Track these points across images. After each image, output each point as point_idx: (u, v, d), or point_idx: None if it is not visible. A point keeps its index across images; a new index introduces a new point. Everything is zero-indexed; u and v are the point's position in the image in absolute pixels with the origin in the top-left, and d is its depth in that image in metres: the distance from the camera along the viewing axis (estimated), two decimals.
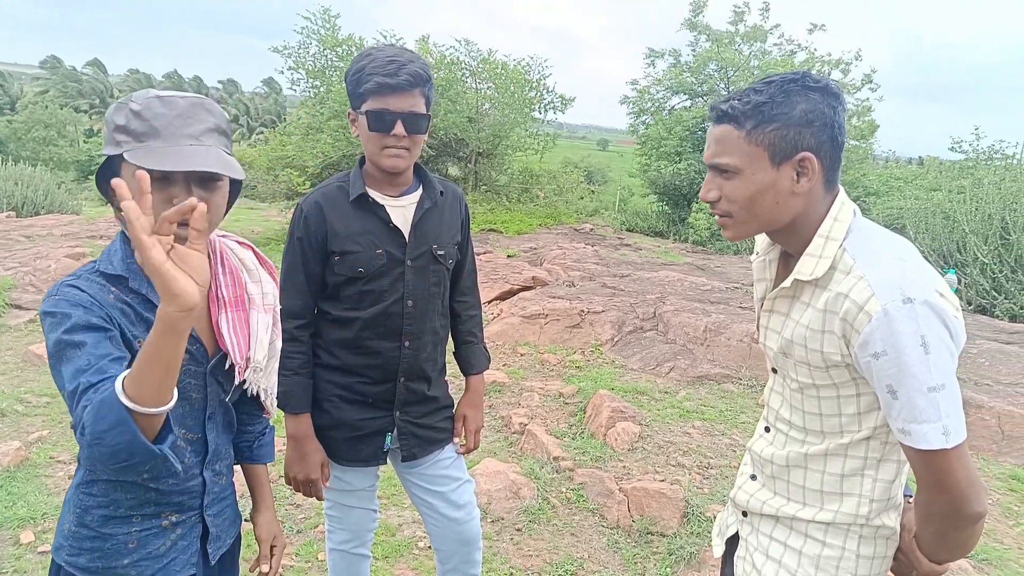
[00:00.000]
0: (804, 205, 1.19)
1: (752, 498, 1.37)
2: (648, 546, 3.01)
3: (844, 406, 1.20)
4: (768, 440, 1.35)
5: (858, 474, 1.22)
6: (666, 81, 16.03)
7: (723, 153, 1.19)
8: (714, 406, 4.46)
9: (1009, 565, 2.95)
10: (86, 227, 9.58)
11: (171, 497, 1.28)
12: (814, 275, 1.17)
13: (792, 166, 1.16)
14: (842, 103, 1.17)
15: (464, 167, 15.15)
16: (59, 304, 1.07)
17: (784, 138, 1.14)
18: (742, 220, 1.22)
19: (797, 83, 1.15)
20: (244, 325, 1.31)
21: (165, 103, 1.12)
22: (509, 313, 6.16)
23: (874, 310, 1.07)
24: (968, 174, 10.93)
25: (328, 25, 13.99)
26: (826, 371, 1.19)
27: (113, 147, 1.12)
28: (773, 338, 1.29)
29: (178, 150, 1.10)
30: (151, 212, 0.92)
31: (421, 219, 1.81)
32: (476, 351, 2.08)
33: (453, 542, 2.00)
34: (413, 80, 1.67)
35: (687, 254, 11.35)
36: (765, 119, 1.14)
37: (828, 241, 1.18)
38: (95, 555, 1.23)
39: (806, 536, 1.29)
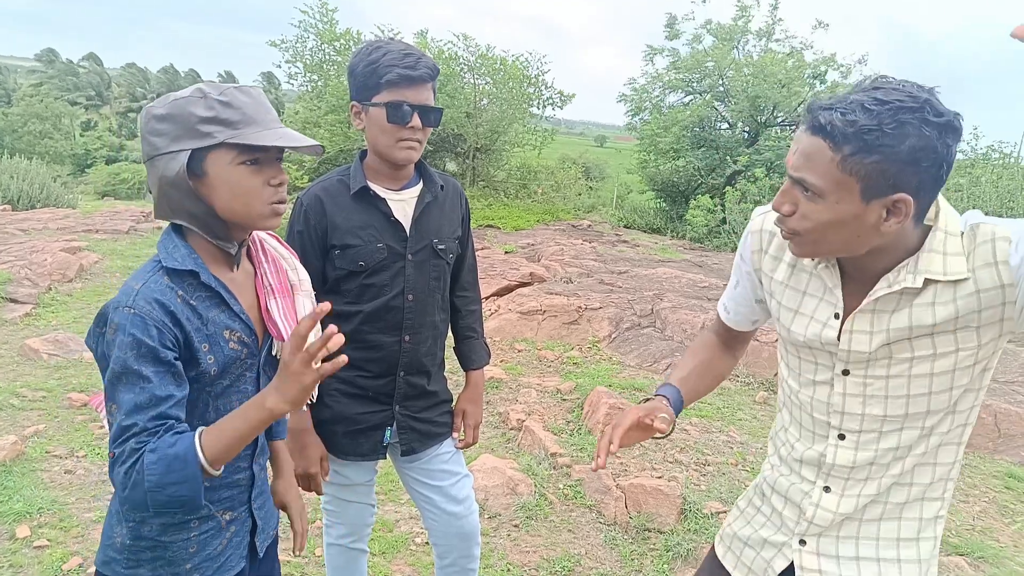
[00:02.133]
0: (889, 240, 1.09)
1: (836, 514, 1.26)
2: (645, 543, 3.01)
3: (958, 378, 1.13)
4: (851, 446, 1.23)
5: (955, 443, 1.20)
6: (664, 78, 16.00)
7: (809, 170, 1.06)
8: (711, 403, 4.46)
9: (1005, 563, 2.96)
10: (82, 221, 9.54)
11: (222, 493, 1.29)
12: (949, 275, 1.07)
13: (884, 204, 1.03)
14: (959, 138, 1.03)
15: (462, 163, 15.14)
16: (135, 322, 1.09)
17: (883, 173, 1.00)
18: (812, 242, 1.12)
19: (916, 114, 0.98)
20: (292, 311, 1.34)
21: (245, 92, 1.18)
22: (507, 309, 6.15)
23: (1006, 233, 1.04)
24: (966, 172, 10.94)
25: (326, 19, 13.95)
26: (954, 335, 1.10)
27: (199, 139, 1.14)
28: (862, 340, 1.16)
29: (275, 132, 1.17)
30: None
31: (422, 213, 1.81)
32: (476, 346, 2.08)
33: (452, 537, 1.99)
34: (431, 73, 1.69)
35: (685, 251, 11.35)
36: (867, 148, 0.99)
37: (948, 236, 1.08)
38: (157, 564, 1.23)
39: (898, 540, 1.24)
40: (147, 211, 10.99)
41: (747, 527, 1.42)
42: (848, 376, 1.20)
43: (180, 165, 1.14)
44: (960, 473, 3.76)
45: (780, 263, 1.30)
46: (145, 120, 1.18)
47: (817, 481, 1.28)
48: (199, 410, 1.21)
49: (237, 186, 1.16)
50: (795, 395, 1.31)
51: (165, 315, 1.12)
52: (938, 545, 1.27)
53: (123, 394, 1.08)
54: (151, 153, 1.17)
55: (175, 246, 1.19)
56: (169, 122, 1.15)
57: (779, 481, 1.35)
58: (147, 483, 1.04)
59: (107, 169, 24.93)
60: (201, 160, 1.15)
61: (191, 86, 1.19)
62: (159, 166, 1.16)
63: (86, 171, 29.07)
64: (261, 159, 1.18)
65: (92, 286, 6.51)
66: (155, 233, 9.52)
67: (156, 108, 1.17)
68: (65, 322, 5.42)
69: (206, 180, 1.16)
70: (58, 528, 2.84)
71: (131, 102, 57.16)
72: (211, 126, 1.14)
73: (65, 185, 15.06)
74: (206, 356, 1.17)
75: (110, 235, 8.85)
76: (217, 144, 1.14)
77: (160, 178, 1.16)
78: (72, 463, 3.37)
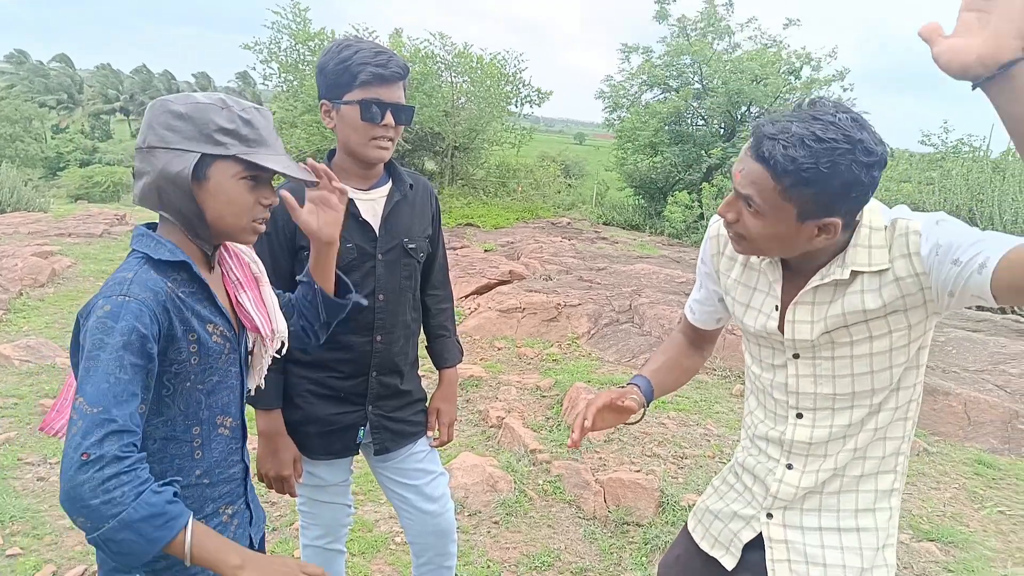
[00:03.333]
0: (819, 249, 1.23)
1: (799, 488, 1.36)
2: (624, 536, 3.04)
3: (896, 357, 1.24)
4: (808, 424, 1.34)
5: (902, 419, 1.30)
6: (640, 75, 16.08)
7: (753, 192, 1.17)
8: (688, 396, 4.50)
9: (975, 547, 3.02)
10: (54, 225, 9.39)
11: (221, 489, 1.30)
12: (873, 266, 1.20)
13: (817, 224, 1.16)
14: (884, 166, 1.14)
15: (440, 161, 15.11)
16: (130, 309, 1.09)
17: (817, 203, 1.13)
18: (755, 247, 1.25)
19: (849, 155, 1.09)
20: (260, 301, 1.36)
21: (263, 114, 1.24)
22: (486, 307, 6.16)
23: (917, 227, 1.16)
24: (937, 166, 11.12)
25: (299, 19, 13.84)
26: (885, 319, 1.22)
27: (213, 146, 1.18)
28: (804, 329, 1.28)
29: (281, 158, 1.24)
30: None
31: (391, 213, 1.81)
32: (449, 344, 2.08)
33: (428, 535, 2.00)
34: (402, 72, 1.70)
35: (663, 247, 11.43)
36: (804, 183, 1.11)
37: (873, 231, 1.21)
38: (174, 570, 1.22)
39: (856, 511, 1.33)
40: (121, 214, 10.84)
41: (719, 502, 1.52)
42: (799, 360, 1.32)
43: (186, 165, 1.16)
44: (931, 460, 3.83)
45: (735, 263, 1.43)
46: (158, 111, 1.19)
47: (780, 459, 1.38)
48: (191, 408, 1.23)
49: (233, 198, 1.21)
50: (758, 379, 1.42)
51: (157, 305, 1.13)
52: (895, 516, 1.36)
53: (97, 378, 1.04)
54: (154, 144, 1.18)
55: (158, 242, 1.21)
56: (187, 122, 1.17)
57: (747, 460, 1.46)
58: (126, 512, 1.00)
59: (80, 172, 24.56)
60: (207, 166, 1.18)
61: (212, 92, 1.23)
62: (160, 159, 1.17)
63: (58, 174, 28.60)
64: (260, 178, 1.23)
65: (64, 291, 6.42)
66: (129, 236, 9.41)
67: (175, 104, 1.19)
68: (37, 327, 5.34)
69: (205, 185, 1.19)
70: (31, 536, 2.80)
71: (104, 104, 56.29)
72: (228, 138, 1.18)
73: (37, 189, 14.82)
74: (189, 346, 1.19)
75: (83, 239, 8.72)
76: (228, 155, 1.19)
77: (159, 171, 1.17)
78: (45, 470, 3.33)
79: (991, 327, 6.05)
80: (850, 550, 1.33)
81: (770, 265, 1.35)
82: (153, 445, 1.20)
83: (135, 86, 57.29)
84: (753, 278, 1.39)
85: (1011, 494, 3.52)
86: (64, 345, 4.93)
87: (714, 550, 1.50)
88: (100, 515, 1.00)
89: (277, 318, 1.38)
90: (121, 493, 1.01)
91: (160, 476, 1.16)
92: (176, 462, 1.22)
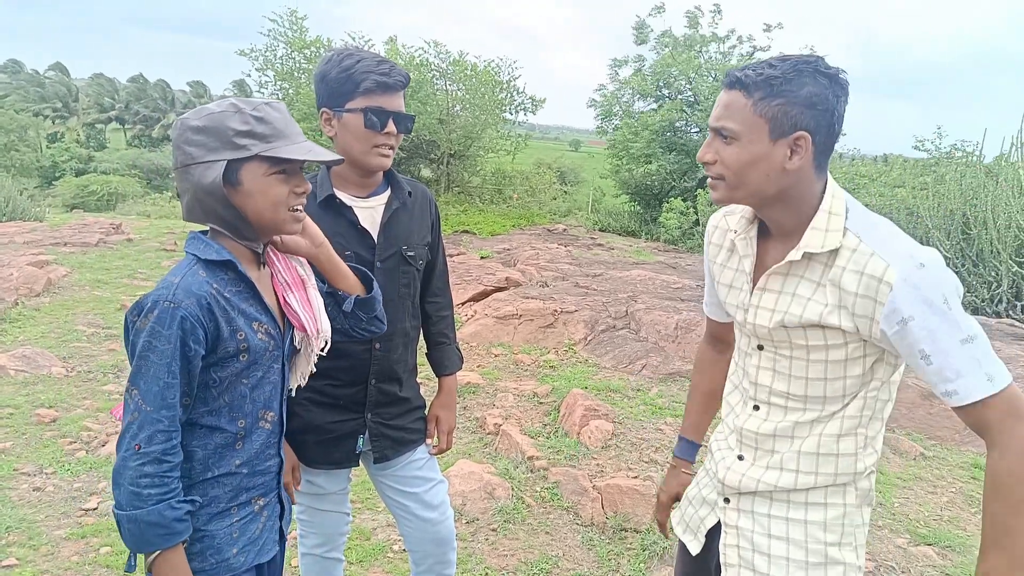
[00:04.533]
0: (793, 182, 1.24)
1: (744, 477, 1.38)
2: (622, 542, 3.04)
3: (850, 368, 1.26)
4: (761, 416, 1.37)
5: (852, 433, 1.29)
6: (630, 86, 16.17)
7: (727, 118, 1.24)
8: (685, 402, 4.50)
9: (972, 552, 3.03)
10: (49, 234, 9.37)
11: (256, 480, 1.37)
12: (826, 247, 1.22)
13: (788, 143, 1.21)
14: (846, 94, 1.22)
15: (436, 169, 15.13)
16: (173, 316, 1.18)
17: (786, 114, 1.19)
18: (732, 185, 1.27)
19: (810, 65, 1.19)
20: (307, 302, 1.43)
21: (275, 108, 1.28)
22: (483, 314, 6.16)
23: (893, 279, 1.14)
24: (931, 171, 11.16)
25: (296, 27, 13.87)
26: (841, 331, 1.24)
27: (234, 151, 1.24)
28: (764, 316, 1.32)
29: (302, 146, 1.28)
30: None
31: (390, 220, 1.81)
32: (448, 352, 2.09)
33: (427, 543, 2.00)
34: (404, 81, 1.73)
35: (659, 253, 11.45)
36: (773, 92, 1.19)
37: (831, 216, 1.23)
38: (206, 554, 1.30)
39: (806, 504, 1.33)
40: (116, 223, 10.82)
41: (695, 488, 1.57)
42: (762, 351, 1.36)
43: (216, 174, 1.23)
44: (927, 464, 3.84)
45: (721, 249, 1.48)
46: (180, 131, 1.27)
47: (734, 448, 1.43)
48: (237, 402, 1.30)
49: (268, 195, 1.27)
50: (735, 364, 1.49)
51: (200, 309, 1.21)
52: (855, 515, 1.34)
53: (151, 384, 1.18)
54: (185, 161, 1.26)
55: (207, 244, 1.28)
56: (206, 134, 1.24)
57: (714, 444, 1.52)
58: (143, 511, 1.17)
59: (75, 181, 24.45)
60: (236, 171, 1.25)
61: (223, 100, 1.29)
62: (194, 174, 1.25)
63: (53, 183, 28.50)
64: (288, 170, 1.28)
65: (60, 300, 6.40)
66: (125, 245, 9.38)
67: (191, 120, 1.26)
68: (33, 337, 5.32)
69: (240, 189, 1.26)
70: (27, 547, 2.79)
71: (99, 113, 56.21)
72: (246, 139, 1.24)
73: (32, 198, 14.76)
74: (236, 344, 1.27)
75: (79, 248, 8.70)
76: (252, 156, 1.24)
77: (195, 185, 1.25)
78: (41, 480, 3.31)
79: (986, 331, 6.04)
80: (795, 543, 1.33)
81: (743, 239, 1.39)
82: (200, 431, 1.28)
83: (131, 95, 57.22)
84: (734, 260, 1.44)
85: None
86: (60, 355, 4.92)
87: (685, 535, 1.54)
88: (126, 501, 1.17)
89: (322, 318, 1.45)
90: (148, 494, 1.17)
91: (203, 461, 1.28)
92: (219, 450, 1.30)
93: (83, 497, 3.20)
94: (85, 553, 2.78)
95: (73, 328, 5.59)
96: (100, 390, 4.44)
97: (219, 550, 1.31)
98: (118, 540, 2.88)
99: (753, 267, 1.37)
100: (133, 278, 7.57)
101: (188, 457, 1.26)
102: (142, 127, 55.35)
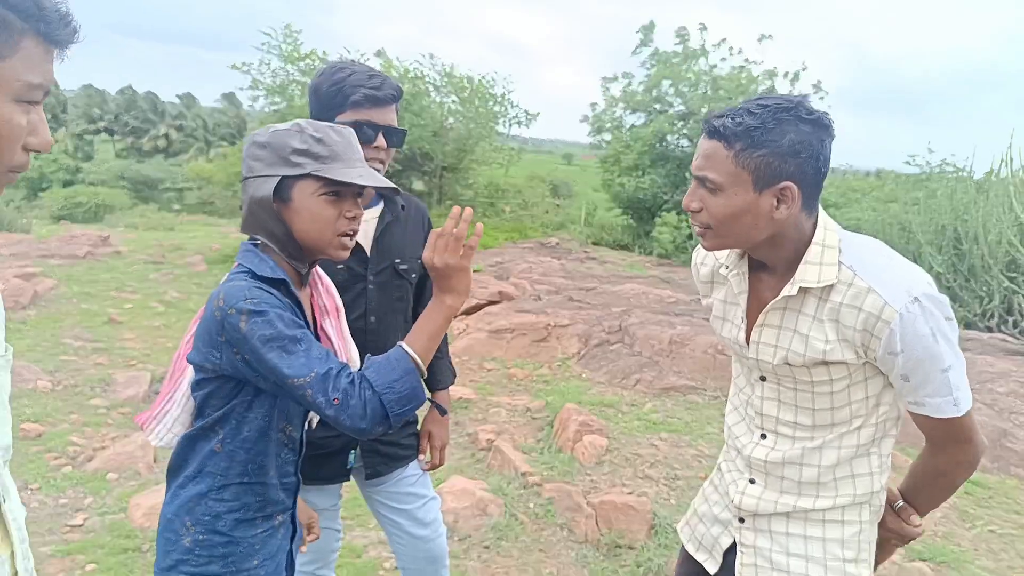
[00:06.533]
0: (783, 228, 1.23)
1: (760, 500, 1.38)
2: (616, 559, 3.00)
3: (854, 393, 1.27)
4: (769, 445, 1.37)
5: (866, 454, 1.31)
6: (622, 102, 16.29)
7: (709, 168, 1.22)
8: (680, 417, 4.49)
9: (966, 567, 3.02)
10: (36, 246, 9.29)
11: (278, 495, 1.37)
12: (822, 281, 1.21)
13: (773, 193, 1.19)
14: (831, 136, 1.20)
15: (429, 182, 15.14)
16: (262, 305, 1.19)
17: (769, 165, 1.17)
18: (720, 235, 1.26)
19: (791, 112, 1.17)
20: (339, 331, 1.47)
21: (337, 132, 1.31)
22: (476, 328, 6.13)
23: (891, 317, 1.16)
24: (923, 186, 11.27)
25: (290, 41, 13.88)
26: (845, 365, 1.25)
27: (289, 167, 1.27)
28: (768, 352, 1.31)
29: (359, 171, 1.30)
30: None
31: (383, 233, 1.80)
32: (441, 367, 2.06)
33: (419, 560, 1.97)
34: (395, 95, 1.73)
35: (652, 267, 11.47)
36: (754, 144, 1.16)
37: (826, 249, 1.23)
38: (229, 560, 1.30)
39: (823, 522, 1.34)
40: (105, 235, 10.75)
41: (704, 504, 1.55)
42: (765, 382, 1.36)
43: (270, 188, 1.27)
44: None
45: (712, 285, 1.48)
46: (248, 145, 1.33)
47: (745, 472, 1.43)
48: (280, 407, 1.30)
49: (316, 214, 1.28)
50: (739, 393, 1.48)
51: (279, 301, 1.23)
52: (869, 532, 1.36)
53: (294, 358, 1.17)
54: (247, 174, 1.32)
55: (262, 260, 1.29)
56: (267, 149, 1.29)
57: (723, 466, 1.52)
58: (377, 387, 1.17)
59: (63, 192, 24.33)
60: (290, 187, 1.28)
61: (292, 121, 1.32)
62: (252, 186, 1.30)
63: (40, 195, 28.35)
64: (341, 192, 1.30)
65: (47, 313, 6.33)
66: (114, 258, 9.32)
67: (259, 136, 1.31)
68: (19, 351, 5.25)
69: (291, 205, 1.28)
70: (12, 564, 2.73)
71: (88, 124, 56.03)
72: (302, 158, 1.27)
73: (19, 209, 14.69)
74: None
75: (66, 260, 8.63)
76: (305, 174, 1.27)
77: (251, 197, 1.30)
78: (26, 496, 3.25)
79: (978, 346, 6.10)
80: (814, 560, 1.34)
81: (736, 276, 1.38)
82: (247, 434, 1.27)
83: (120, 106, 57.04)
84: (724, 292, 1.44)
85: (1001, 512, 3.52)
86: (46, 368, 4.86)
87: (699, 553, 1.52)
88: (375, 415, 1.17)
89: (351, 348, 1.49)
90: (365, 390, 1.17)
91: (243, 465, 1.28)
92: (260, 458, 1.30)
93: (69, 513, 3.14)
94: (71, 570, 2.73)
95: (60, 341, 5.53)
96: (87, 404, 4.38)
97: (241, 558, 1.31)
98: (104, 557, 2.83)
99: (747, 302, 1.37)
100: (121, 291, 7.50)
101: (229, 457, 1.27)
102: (131, 139, 55.17)
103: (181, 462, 1.32)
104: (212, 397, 1.27)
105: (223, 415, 1.27)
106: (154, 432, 1.34)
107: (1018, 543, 3.25)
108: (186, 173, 32.56)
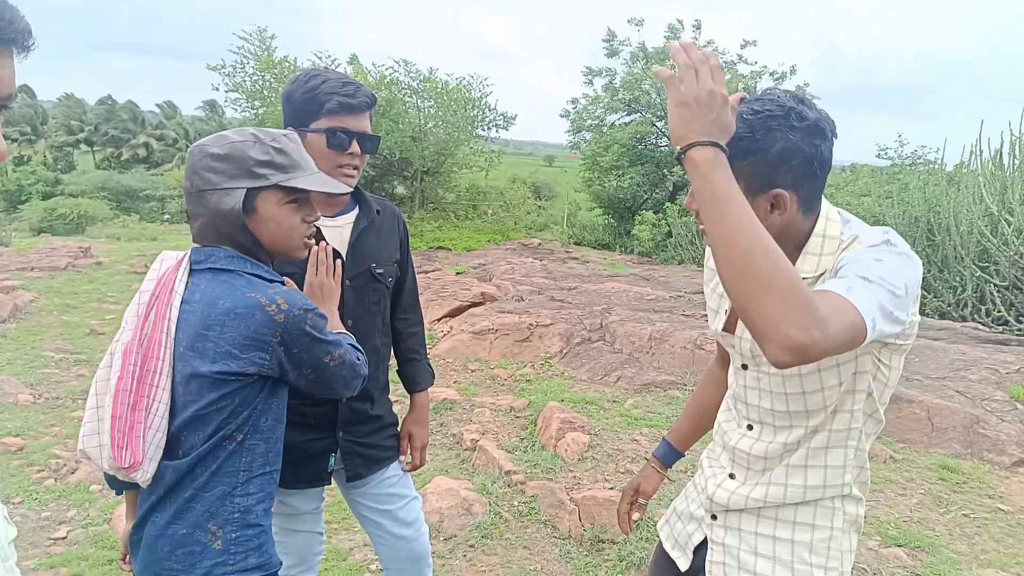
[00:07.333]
0: (780, 229, 1.22)
1: (734, 495, 1.38)
2: (599, 554, 3.05)
3: (826, 379, 1.25)
4: (754, 436, 1.37)
5: (841, 445, 1.30)
6: (603, 100, 16.35)
7: None
8: (661, 412, 4.54)
9: (941, 551, 3.09)
10: (16, 259, 9.20)
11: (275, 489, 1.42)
12: (819, 271, 1.22)
13: (767, 199, 1.19)
14: (827, 138, 1.19)
15: (410, 186, 15.14)
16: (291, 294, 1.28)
17: (759, 173, 1.17)
18: None
19: (782, 120, 1.16)
20: None
21: (292, 140, 1.35)
22: (459, 330, 6.17)
23: (856, 246, 1.18)
24: (895, 179, 11.44)
25: (264, 45, 13.82)
26: None
27: (254, 179, 1.29)
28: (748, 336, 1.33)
29: (317, 177, 1.36)
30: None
31: (358, 238, 1.82)
32: (420, 368, 2.09)
33: (402, 560, 1.99)
34: (369, 102, 1.75)
35: (633, 265, 11.55)
36: (743, 153, 1.15)
37: (826, 239, 1.23)
38: (263, 548, 1.33)
39: (794, 523, 1.33)
40: (85, 246, 10.65)
41: (683, 502, 1.57)
42: (747, 371, 1.37)
43: (236, 201, 1.28)
44: (896, 467, 3.91)
45: (714, 271, 1.47)
46: (199, 157, 1.31)
47: (726, 467, 1.44)
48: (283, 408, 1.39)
49: (282, 223, 1.33)
50: (729, 385, 1.48)
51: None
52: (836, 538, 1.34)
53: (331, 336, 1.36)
54: (202, 187, 1.30)
55: (254, 264, 1.34)
56: (227, 162, 1.29)
57: (705, 460, 1.52)
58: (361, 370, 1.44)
59: (43, 204, 24.07)
60: (253, 199, 1.30)
61: (242, 129, 1.34)
62: (211, 199, 1.29)
63: (19, 207, 28.00)
64: (301, 199, 1.35)
65: (27, 326, 6.29)
66: (95, 269, 9.25)
67: (212, 147, 1.30)
68: None
69: (256, 216, 1.31)
70: None
71: (67, 135, 55.37)
72: (265, 169, 1.30)
73: None
74: None
75: (46, 272, 8.56)
76: (270, 185, 1.30)
77: (211, 210, 1.29)
78: (8, 510, 3.24)
79: (951, 335, 6.22)
80: (781, 562, 1.33)
81: None
82: (265, 424, 1.32)
83: (99, 117, 56.45)
84: (718, 282, 1.44)
85: (974, 497, 3.61)
86: (27, 381, 4.83)
87: (674, 551, 1.54)
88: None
89: None
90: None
91: (264, 456, 1.33)
92: (278, 444, 1.37)
93: (52, 526, 3.14)
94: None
95: (40, 354, 5.49)
96: (69, 416, 4.36)
97: (270, 545, 1.36)
98: (88, 570, 2.83)
99: None
100: (103, 302, 7.46)
101: (251, 452, 1.30)
102: (112, 149, 54.59)
103: (178, 480, 1.27)
104: (234, 403, 1.26)
105: (246, 416, 1.28)
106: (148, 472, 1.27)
107: (991, 527, 3.33)
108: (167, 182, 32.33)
